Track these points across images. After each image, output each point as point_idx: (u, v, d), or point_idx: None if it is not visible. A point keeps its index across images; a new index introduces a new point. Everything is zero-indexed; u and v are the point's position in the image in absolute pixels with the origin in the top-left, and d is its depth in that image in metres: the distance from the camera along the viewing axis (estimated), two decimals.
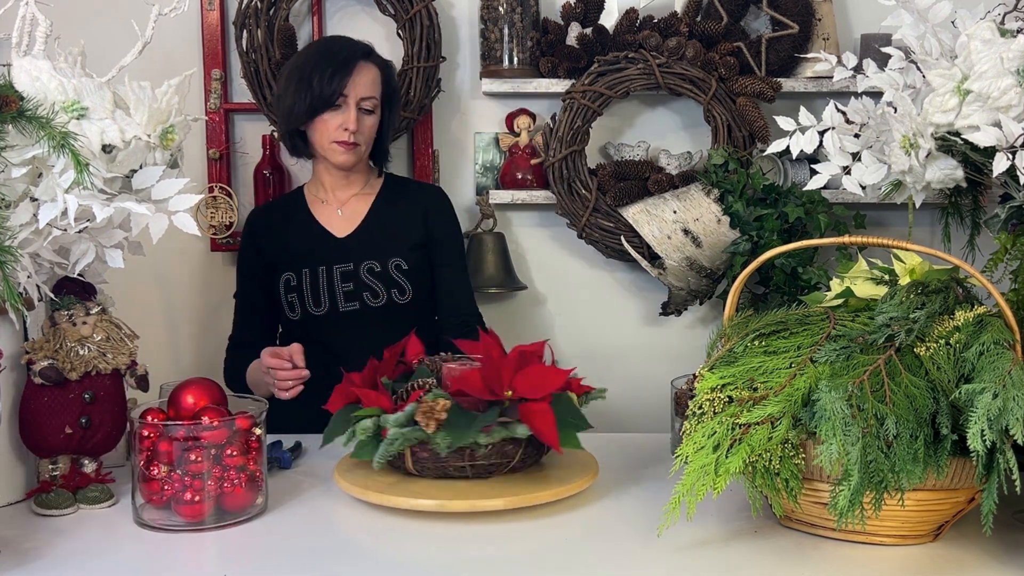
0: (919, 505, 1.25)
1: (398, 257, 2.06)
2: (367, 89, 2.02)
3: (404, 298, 2.05)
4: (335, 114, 2.01)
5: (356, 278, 2.05)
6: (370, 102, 2.03)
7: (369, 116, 2.04)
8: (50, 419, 1.44)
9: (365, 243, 2.08)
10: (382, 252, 2.07)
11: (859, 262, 1.51)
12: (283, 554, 1.29)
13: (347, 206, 2.13)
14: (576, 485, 1.44)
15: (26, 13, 1.47)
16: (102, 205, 1.31)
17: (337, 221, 2.11)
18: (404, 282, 2.05)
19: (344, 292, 2.04)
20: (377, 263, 2.05)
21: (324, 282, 2.05)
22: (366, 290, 2.04)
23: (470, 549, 1.30)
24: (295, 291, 2.06)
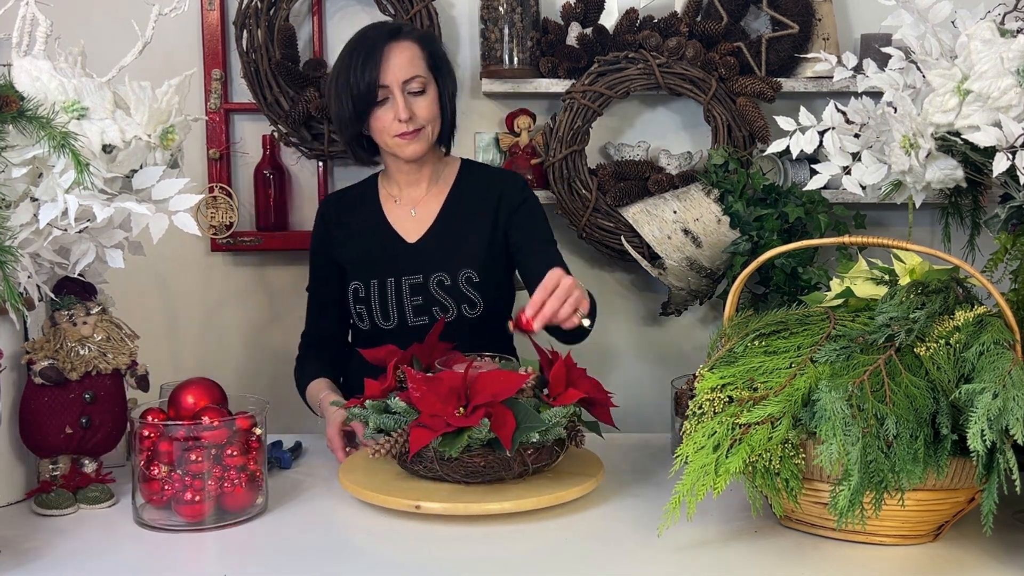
0: (919, 505, 1.25)
1: (469, 269, 1.93)
2: (407, 70, 1.87)
3: (475, 312, 1.93)
4: (384, 108, 1.88)
5: (425, 291, 1.93)
6: (416, 82, 1.87)
7: (421, 96, 1.89)
8: (50, 419, 1.44)
9: (436, 250, 1.96)
10: (452, 263, 1.93)
11: (859, 262, 1.51)
12: (283, 554, 1.29)
13: (420, 205, 2.00)
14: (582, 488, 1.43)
15: (26, 13, 1.47)
16: (102, 205, 1.31)
17: (409, 223, 1.99)
18: (475, 296, 1.93)
19: (413, 306, 1.93)
20: (447, 275, 1.93)
21: (393, 295, 1.94)
22: (435, 304, 1.93)
23: (470, 550, 1.30)
24: (363, 303, 1.96)
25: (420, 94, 1.88)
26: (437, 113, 1.92)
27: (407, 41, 1.89)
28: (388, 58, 1.86)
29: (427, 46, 1.92)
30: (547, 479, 1.46)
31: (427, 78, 1.90)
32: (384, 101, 1.87)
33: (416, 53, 1.89)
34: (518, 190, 2.02)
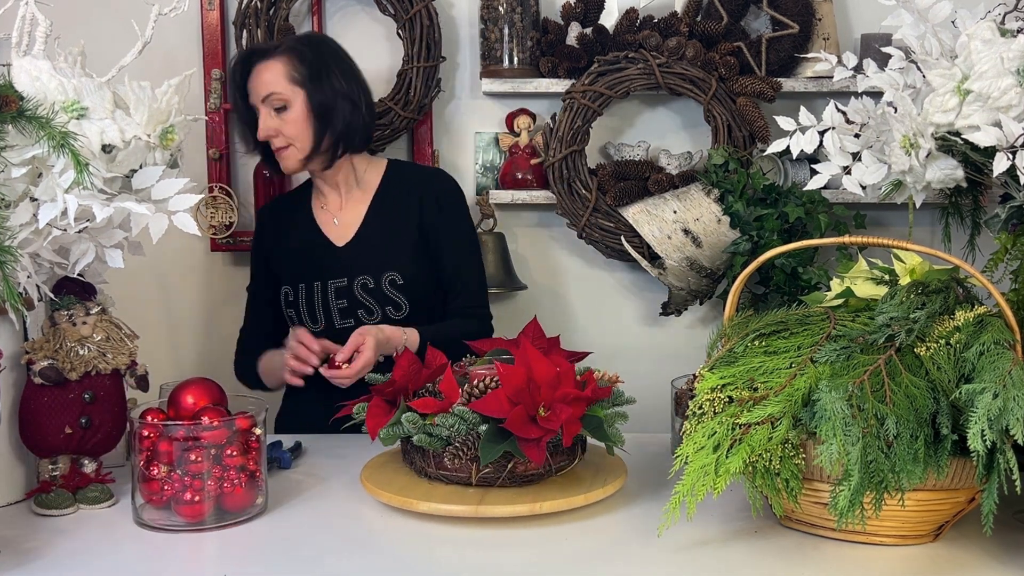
0: (919, 505, 1.25)
1: (393, 271, 1.97)
2: (265, 86, 1.90)
3: (400, 314, 1.97)
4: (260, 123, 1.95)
5: (350, 295, 1.98)
6: (275, 99, 1.90)
7: (284, 112, 1.90)
8: (50, 419, 1.44)
9: (361, 254, 2.00)
10: (377, 265, 1.98)
11: (859, 262, 1.51)
12: (283, 554, 1.29)
13: (343, 211, 2.05)
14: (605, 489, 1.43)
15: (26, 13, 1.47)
16: (102, 205, 1.31)
17: (335, 228, 2.04)
18: (399, 298, 1.97)
19: (339, 309, 1.98)
20: (371, 278, 1.97)
21: (319, 298, 1.99)
22: (360, 307, 1.97)
23: (470, 550, 1.30)
24: (292, 306, 2.02)
25: (282, 110, 1.91)
26: (303, 131, 1.92)
27: (272, 59, 1.92)
28: (252, 76, 1.93)
29: (295, 61, 1.91)
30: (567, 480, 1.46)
31: (288, 95, 1.90)
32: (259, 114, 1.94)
33: (278, 70, 1.91)
34: (442, 189, 2.05)
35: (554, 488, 1.42)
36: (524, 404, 1.37)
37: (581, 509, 1.41)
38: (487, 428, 1.37)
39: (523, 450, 1.35)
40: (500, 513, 1.35)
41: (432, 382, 1.53)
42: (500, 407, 1.36)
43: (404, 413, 1.43)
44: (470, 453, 1.39)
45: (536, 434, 1.36)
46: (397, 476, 1.47)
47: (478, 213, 2.57)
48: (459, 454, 1.39)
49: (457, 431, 1.39)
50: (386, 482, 1.44)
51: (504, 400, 1.37)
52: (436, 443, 1.40)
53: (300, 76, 1.91)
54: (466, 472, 1.41)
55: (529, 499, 1.37)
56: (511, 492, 1.40)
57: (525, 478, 1.42)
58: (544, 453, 1.35)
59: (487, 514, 1.35)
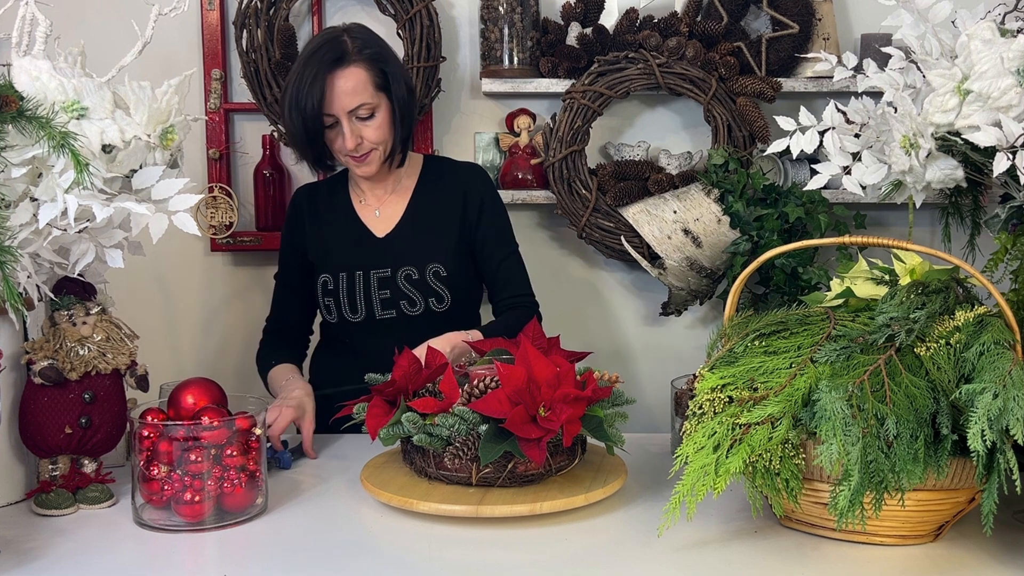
0: (919, 505, 1.25)
1: (436, 263, 1.96)
2: (352, 99, 1.85)
3: (442, 306, 1.97)
4: (334, 132, 1.89)
5: (393, 285, 1.96)
6: (363, 109, 1.87)
7: (369, 121, 1.89)
8: (50, 419, 1.44)
9: (403, 245, 1.99)
10: (420, 256, 1.97)
11: (859, 262, 1.51)
12: (283, 554, 1.29)
13: (384, 205, 2.03)
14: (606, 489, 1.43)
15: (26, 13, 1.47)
16: (102, 205, 1.31)
17: (376, 221, 2.03)
18: (442, 290, 1.96)
19: (381, 299, 1.97)
20: (415, 269, 1.96)
21: (361, 288, 1.98)
22: (403, 298, 1.96)
23: (470, 551, 1.30)
24: (331, 295, 1.99)
25: (368, 119, 1.88)
26: (387, 133, 1.92)
27: (352, 67, 1.86)
28: (332, 86, 1.85)
29: (374, 66, 1.89)
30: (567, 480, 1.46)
31: (375, 102, 1.88)
32: (333, 125, 1.89)
33: (362, 78, 1.86)
34: (482, 185, 2.05)
35: (554, 488, 1.42)
36: (524, 404, 1.37)
37: (581, 509, 1.41)
38: (487, 428, 1.37)
39: (523, 450, 1.35)
40: (500, 513, 1.35)
41: (432, 382, 1.53)
42: (500, 407, 1.36)
43: (404, 413, 1.43)
44: (470, 453, 1.39)
45: (536, 434, 1.36)
46: (397, 476, 1.47)
47: None
48: (459, 454, 1.39)
49: (457, 431, 1.39)
50: (386, 482, 1.44)
51: (504, 400, 1.37)
52: (436, 443, 1.40)
53: (382, 81, 1.90)
54: (466, 472, 1.41)
55: (529, 499, 1.37)
56: (511, 492, 1.40)
57: (525, 478, 1.42)
58: (544, 453, 1.35)
59: (487, 514, 1.35)
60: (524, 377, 1.38)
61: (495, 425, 1.37)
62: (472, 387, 1.44)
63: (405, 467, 1.51)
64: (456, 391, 1.44)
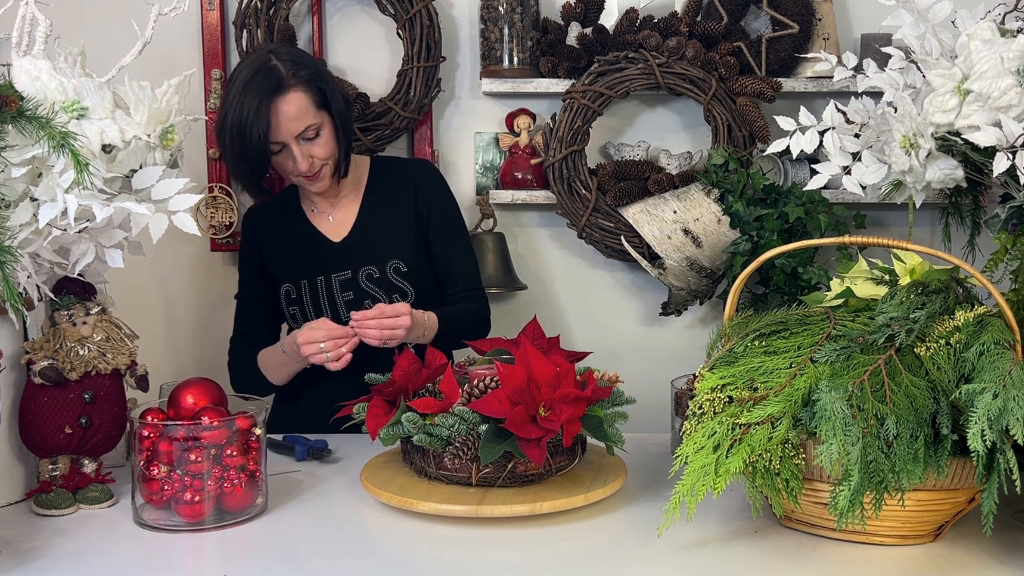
0: (919, 505, 1.25)
1: (396, 259, 2.00)
2: (297, 124, 1.85)
3: (407, 301, 1.97)
4: (282, 156, 1.89)
5: (356, 286, 1.99)
6: (309, 130, 1.87)
7: (316, 140, 1.89)
8: (50, 419, 1.44)
9: (361, 246, 2.02)
10: (379, 255, 2.00)
11: (859, 262, 1.51)
12: (283, 554, 1.29)
13: (337, 211, 2.05)
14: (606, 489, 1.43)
15: (26, 13, 1.47)
16: (102, 205, 1.31)
17: (330, 227, 2.05)
18: (405, 285, 2.00)
19: (345, 301, 1.99)
20: (375, 268, 1.99)
21: (324, 293, 2.00)
22: (367, 297, 1.98)
23: (471, 551, 1.30)
24: (296, 303, 2.02)
25: (314, 139, 1.89)
26: (334, 148, 1.93)
27: (292, 93, 1.85)
28: (277, 114, 1.84)
29: (312, 86, 1.88)
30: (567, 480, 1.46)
31: (318, 121, 1.89)
32: (281, 150, 1.89)
33: (303, 101, 1.86)
34: (431, 179, 2.09)
35: (554, 488, 1.42)
36: (524, 404, 1.37)
37: (581, 509, 1.41)
38: (487, 428, 1.37)
39: (523, 450, 1.35)
40: (500, 513, 1.35)
41: (432, 382, 1.53)
42: (500, 407, 1.36)
43: (404, 413, 1.43)
44: (470, 453, 1.39)
45: (536, 434, 1.36)
46: (397, 476, 1.47)
47: (478, 213, 2.57)
48: (459, 454, 1.39)
49: (457, 431, 1.39)
50: (386, 482, 1.44)
51: (504, 400, 1.37)
52: (436, 443, 1.40)
53: (321, 99, 1.90)
54: (466, 472, 1.41)
55: (529, 499, 1.37)
56: (511, 492, 1.40)
57: (525, 478, 1.42)
58: (544, 453, 1.35)
59: (487, 514, 1.35)
60: (524, 377, 1.38)
61: (495, 425, 1.37)
62: (472, 387, 1.44)
63: (405, 467, 1.51)
64: (456, 391, 1.44)
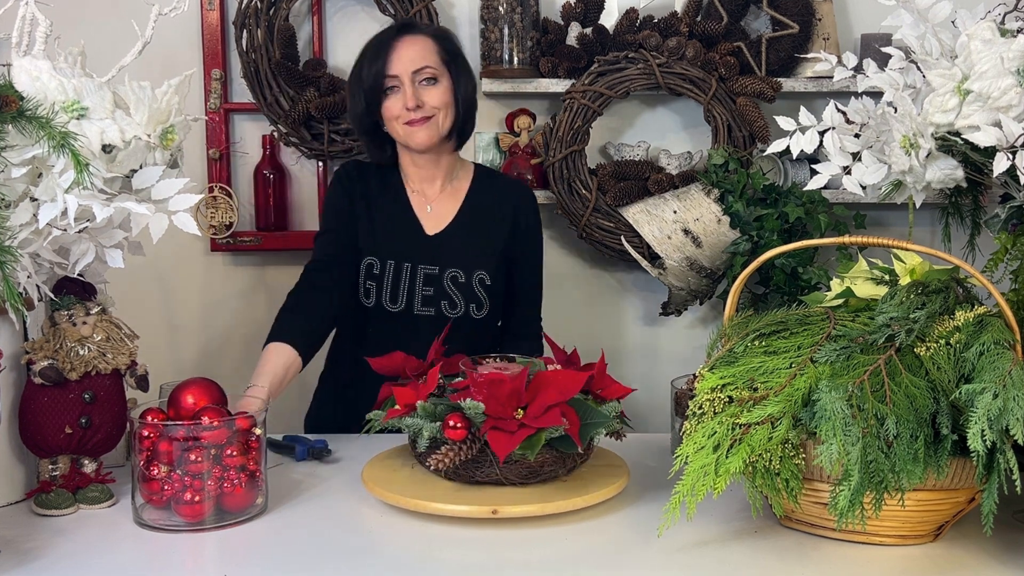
0: (919, 505, 1.25)
1: (483, 270, 1.97)
2: (416, 60, 1.88)
3: (481, 313, 1.97)
4: (394, 97, 1.89)
5: (438, 284, 1.95)
6: (427, 71, 1.88)
7: (432, 86, 1.89)
8: (50, 419, 1.44)
9: (453, 246, 1.98)
10: (469, 261, 1.96)
11: (859, 262, 1.51)
12: (283, 554, 1.29)
13: (436, 203, 2.02)
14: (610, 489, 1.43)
15: (26, 13, 1.47)
16: (102, 205, 1.31)
17: (427, 217, 2.01)
18: (484, 297, 1.96)
19: (423, 295, 1.95)
20: (462, 272, 1.96)
21: (406, 280, 1.95)
22: (445, 298, 1.95)
23: (470, 551, 1.30)
24: (375, 280, 1.95)
25: (431, 83, 1.89)
26: (449, 102, 1.92)
27: (419, 36, 1.91)
28: (397, 49, 1.88)
29: (441, 42, 1.93)
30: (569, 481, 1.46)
31: (439, 70, 1.90)
32: (394, 89, 1.89)
33: (428, 47, 1.90)
34: (531, 208, 2.07)
35: (556, 489, 1.42)
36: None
37: (581, 509, 1.41)
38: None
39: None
40: (501, 514, 1.35)
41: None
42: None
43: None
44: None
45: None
46: (398, 476, 1.47)
47: None
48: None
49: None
50: (387, 481, 1.44)
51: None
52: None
53: (449, 58, 1.93)
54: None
55: (530, 500, 1.37)
56: (512, 492, 1.40)
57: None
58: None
59: (488, 515, 1.35)
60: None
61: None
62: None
63: (406, 467, 1.51)
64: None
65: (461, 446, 1.38)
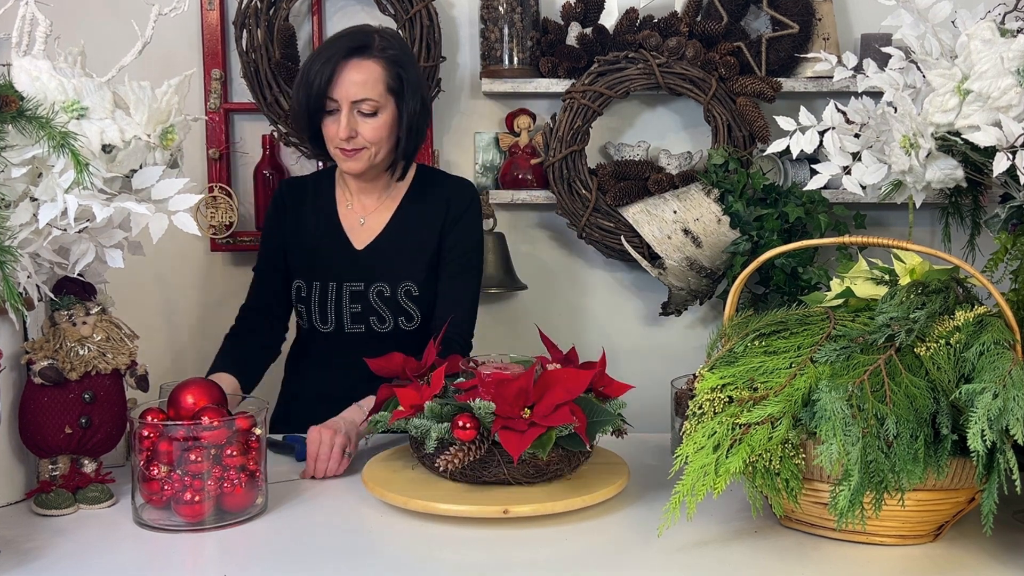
0: (919, 505, 1.25)
1: (410, 281, 1.93)
2: (358, 90, 1.81)
3: (411, 325, 1.94)
4: (332, 119, 1.85)
5: (365, 300, 1.93)
6: (367, 104, 1.82)
7: (370, 118, 1.84)
8: (50, 419, 1.44)
9: (380, 260, 1.95)
10: (395, 273, 1.92)
11: (859, 262, 1.51)
12: (283, 554, 1.29)
13: (372, 215, 1.98)
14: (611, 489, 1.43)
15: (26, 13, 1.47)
16: (102, 205, 1.31)
17: (358, 229, 1.98)
18: (412, 309, 1.93)
19: (352, 313, 1.94)
20: (387, 286, 1.93)
21: (333, 299, 1.94)
22: (373, 314, 1.93)
23: (471, 551, 1.30)
24: (304, 303, 1.97)
25: (370, 116, 1.84)
26: (386, 136, 1.87)
27: (370, 61, 1.83)
28: (343, 72, 1.82)
29: (392, 68, 1.85)
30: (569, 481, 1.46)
31: (381, 102, 1.84)
32: (333, 113, 1.85)
33: (375, 75, 1.83)
34: (466, 201, 1.99)
35: (561, 488, 1.42)
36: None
37: (581, 509, 1.41)
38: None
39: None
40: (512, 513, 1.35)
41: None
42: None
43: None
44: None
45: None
46: (398, 475, 1.47)
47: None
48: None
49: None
50: (387, 481, 1.44)
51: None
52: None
53: (397, 85, 1.86)
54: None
55: (530, 500, 1.37)
56: (518, 492, 1.40)
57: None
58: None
59: (488, 515, 1.35)
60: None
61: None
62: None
63: (406, 467, 1.51)
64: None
65: (470, 446, 1.38)
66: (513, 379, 1.41)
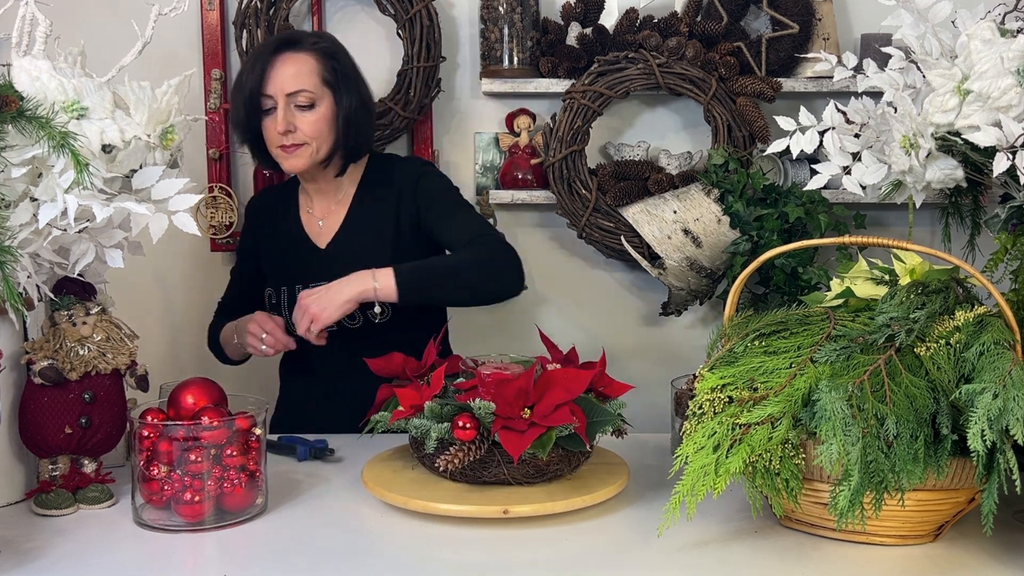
0: (919, 505, 1.25)
1: None
2: (293, 82, 1.80)
3: (383, 317, 1.91)
4: (270, 118, 1.83)
5: None
6: (303, 96, 1.80)
7: (308, 111, 1.81)
8: (50, 419, 1.44)
9: (342, 255, 1.93)
10: (356, 267, 1.82)
11: (859, 262, 1.51)
12: (283, 554, 1.29)
13: (328, 216, 1.99)
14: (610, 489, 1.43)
15: (26, 13, 1.47)
16: (102, 205, 1.31)
17: (318, 231, 1.99)
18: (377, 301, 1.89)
19: None
20: None
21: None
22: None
23: (471, 551, 1.30)
24: (275, 309, 1.98)
25: (307, 108, 1.82)
26: (325, 130, 1.85)
27: (301, 53, 1.83)
28: (275, 67, 1.81)
29: (326, 60, 1.84)
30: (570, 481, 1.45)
31: (317, 93, 1.83)
32: (270, 111, 1.83)
33: (309, 67, 1.82)
34: (415, 174, 1.96)
35: (561, 488, 1.42)
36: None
37: (581, 509, 1.41)
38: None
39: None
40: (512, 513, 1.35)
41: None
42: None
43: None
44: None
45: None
46: (398, 476, 1.47)
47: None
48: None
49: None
50: (387, 481, 1.45)
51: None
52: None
53: (332, 78, 1.85)
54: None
55: (530, 500, 1.37)
56: (519, 492, 1.40)
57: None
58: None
59: (489, 515, 1.35)
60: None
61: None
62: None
63: (406, 467, 1.51)
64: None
65: (470, 446, 1.38)
66: (513, 379, 1.41)
